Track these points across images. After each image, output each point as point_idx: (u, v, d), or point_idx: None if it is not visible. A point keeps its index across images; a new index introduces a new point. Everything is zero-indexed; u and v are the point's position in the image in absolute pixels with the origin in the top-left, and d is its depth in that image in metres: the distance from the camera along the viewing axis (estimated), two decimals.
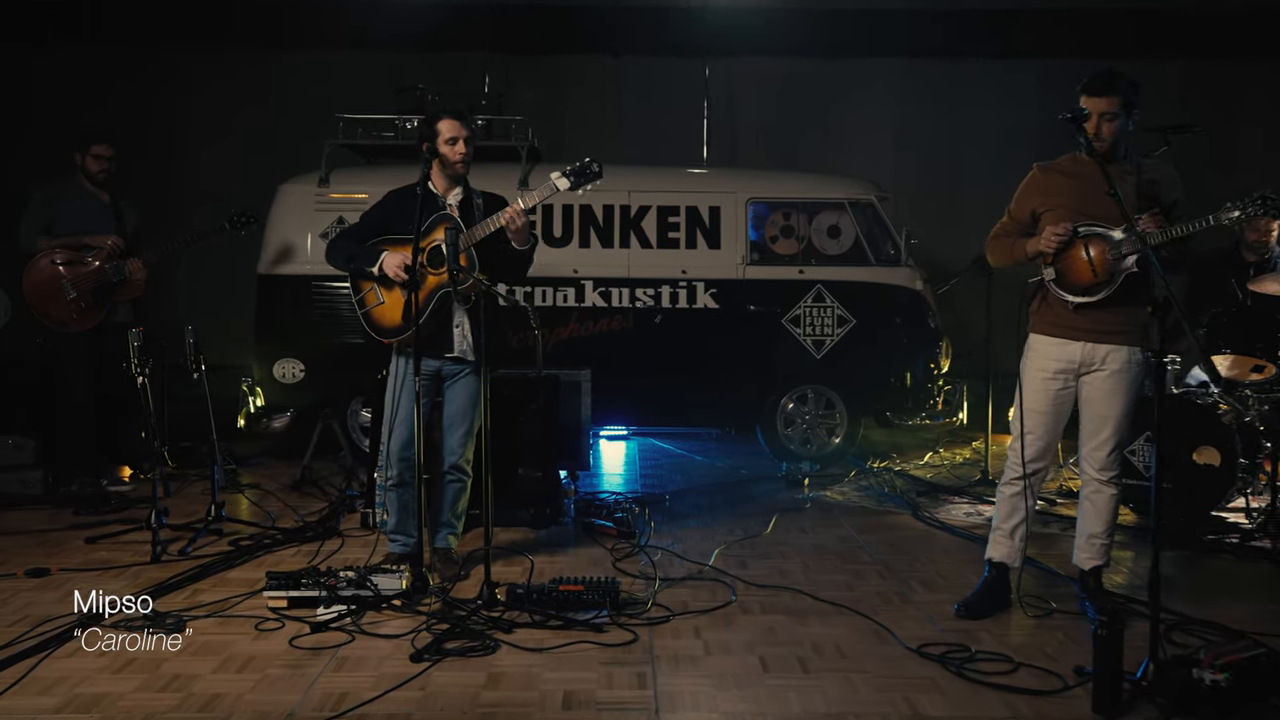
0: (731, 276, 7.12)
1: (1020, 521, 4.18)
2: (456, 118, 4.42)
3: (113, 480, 6.21)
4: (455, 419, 4.54)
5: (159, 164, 9.04)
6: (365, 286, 4.51)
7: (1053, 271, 4.01)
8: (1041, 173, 4.17)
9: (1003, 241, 4.24)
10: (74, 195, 6.02)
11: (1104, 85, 3.89)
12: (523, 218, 4.26)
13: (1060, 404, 4.11)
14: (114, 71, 9.33)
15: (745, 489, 6.64)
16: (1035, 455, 4.13)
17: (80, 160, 6.00)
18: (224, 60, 9.64)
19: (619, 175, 7.25)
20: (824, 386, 7.21)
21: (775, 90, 10.22)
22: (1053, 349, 4.07)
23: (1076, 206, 3.97)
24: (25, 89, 8.93)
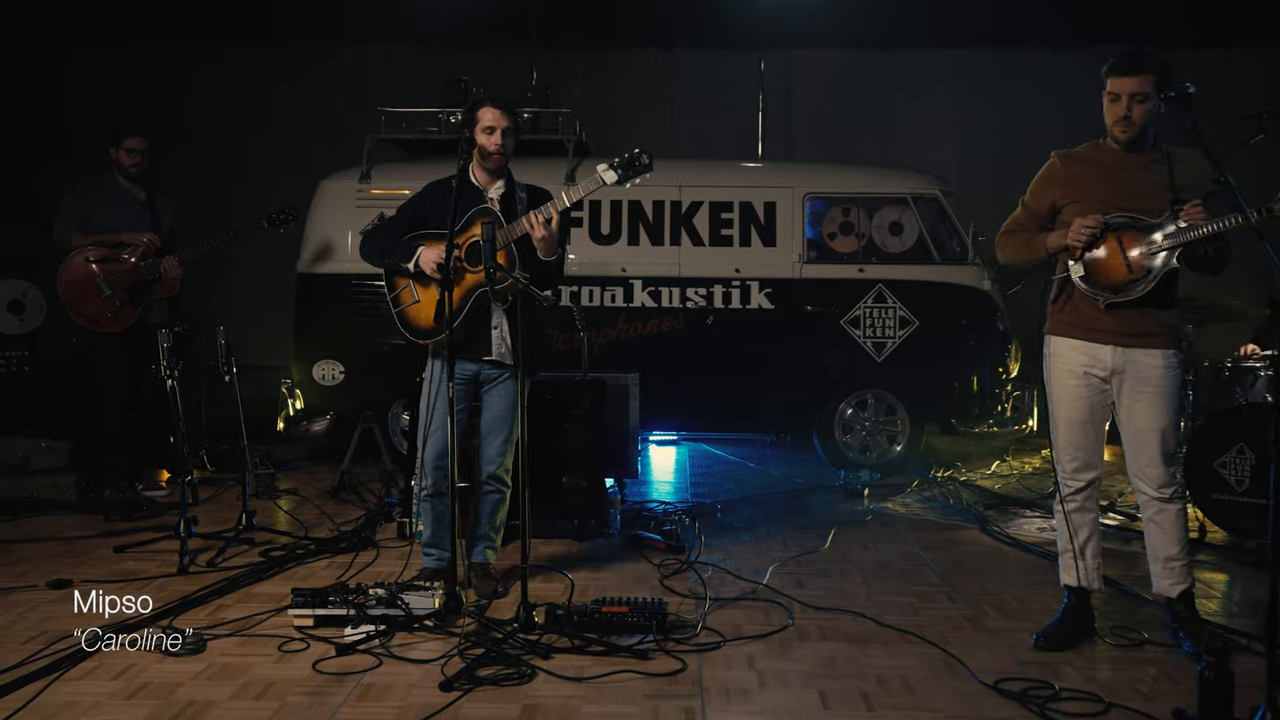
0: (787, 275, 6.79)
1: (1088, 539, 3.81)
2: (499, 106, 4.15)
3: (149, 485, 6.06)
4: (493, 426, 4.27)
5: (197, 161, 8.91)
6: (400, 284, 4.27)
7: (1081, 268, 3.64)
8: (1062, 162, 3.80)
9: (1017, 236, 3.87)
10: (108, 190, 5.88)
11: (1134, 64, 3.54)
12: (542, 228, 3.95)
13: (1096, 410, 3.75)
14: (150, 67, 9.21)
15: (801, 500, 6.31)
16: (1080, 467, 3.77)
17: (114, 155, 5.86)
18: (263, 55, 9.50)
19: (670, 169, 6.96)
20: (885, 391, 6.86)
21: (833, 82, 9.86)
22: (1079, 353, 3.71)
23: (1105, 198, 3.61)
24: (59, 86, 8.84)
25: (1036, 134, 9.54)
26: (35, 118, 8.82)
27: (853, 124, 9.68)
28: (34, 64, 9.01)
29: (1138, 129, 3.58)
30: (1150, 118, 3.58)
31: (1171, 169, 3.58)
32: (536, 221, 3.94)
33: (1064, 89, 9.44)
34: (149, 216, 5.87)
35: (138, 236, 5.74)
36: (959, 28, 9.45)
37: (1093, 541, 3.81)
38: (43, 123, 8.70)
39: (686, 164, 7.27)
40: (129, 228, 5.78)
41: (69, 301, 5.71)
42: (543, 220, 3.94)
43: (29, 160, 5.79)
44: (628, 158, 4.00)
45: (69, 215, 5.76)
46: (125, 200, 5.87)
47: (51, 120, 8.72)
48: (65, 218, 5.76)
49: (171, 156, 9.00)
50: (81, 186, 5.84)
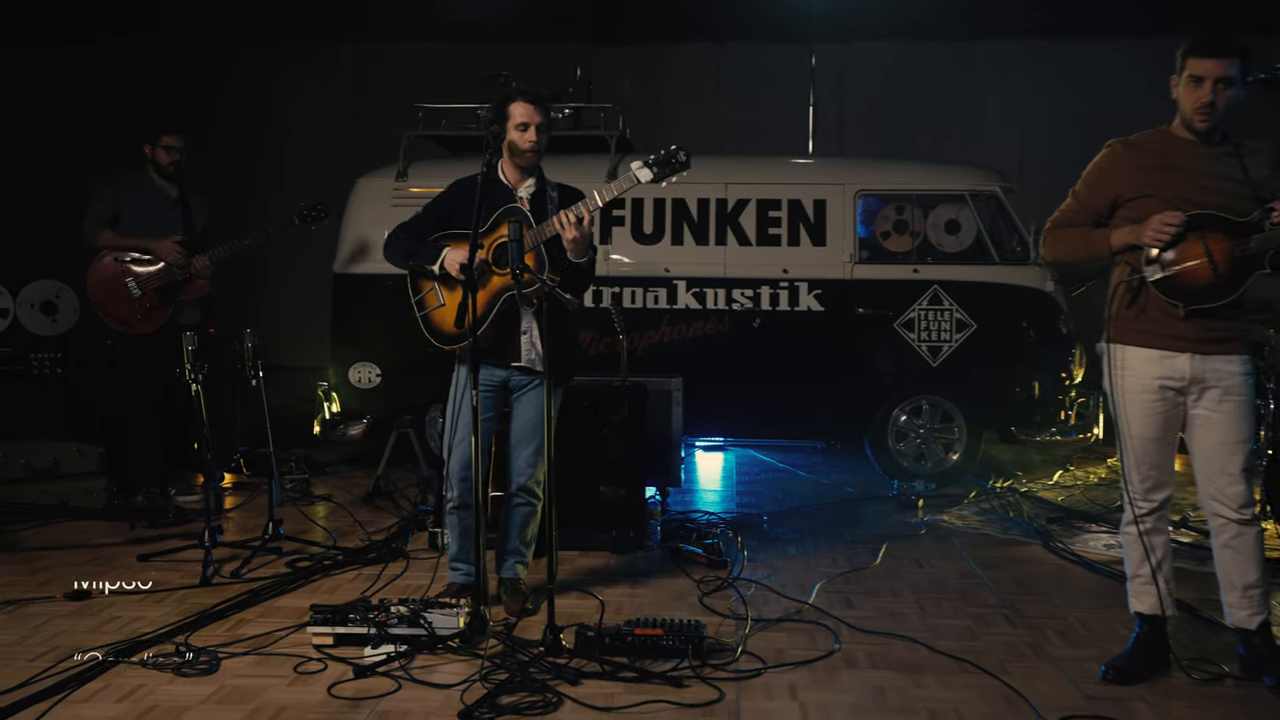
0: (838, 276, 6.51)
1: (1160, 561, 3.49)
2: (530, 101, 3.94)
3: (183, 490, 5.95)
4: (523, 435, 4.07)
5: (231, 160, 8.86)
6: (425, 286, 4.08)
7: (1157, 270, 3.32)
8: (1126, 151, 3.45)
9: (1070, 233, 3.54)
10: (141, 188, 5.76)
11: (1220, 45, 3.21)
12: (573, 229, 3.73)
13: (1170, 425, 3.43)
14: (183, 67, 9.18)
15: (851, 511, 6.03)
16: (1154, 486, 3.46)
17: (150, 152, 5.74)
18: (297, 53, 9.43)
19: (715, 166, 6.74)
20: (940, 397, 6.55)
21: (886, 76, 9.55)
22: (1153, 364, 3.38)
23: (1181, 193, 3.29)
24: (91, 86, 8.81)
25: (1102, 128, 9.14)
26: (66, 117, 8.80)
27: (907, 119, 9.37)
28: (67, 64, 9.00)
29: (1219, 116, 3.27)
30: (1234, 105, 3.26)
31: (1243, 162, 3.27)
32: (567, 221, 3.72)
33: (1133, 80, 9.05)
34: (181, 215, 5.75)
35: (164, 246, 5.59)
36: (1019, 17, 9.09)
37: (1166, 564, 3.51)
38: (74, 122, 8.67)
39: (732, 160, 7.04)
40: (161, 226, 5.66)
41: (98, 302, 5.61)
42: (573, 220, 3.72)
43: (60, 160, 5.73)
44: (663, 155, 3.77)
45: (99, 212, 5.65)
46: (158, 198, 5.75)
47: (83, 120, 8.69)
48: (96, 214, 5.65)
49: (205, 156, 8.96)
50: (113, 184, 5.73)
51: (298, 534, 5.15)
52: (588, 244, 3.81)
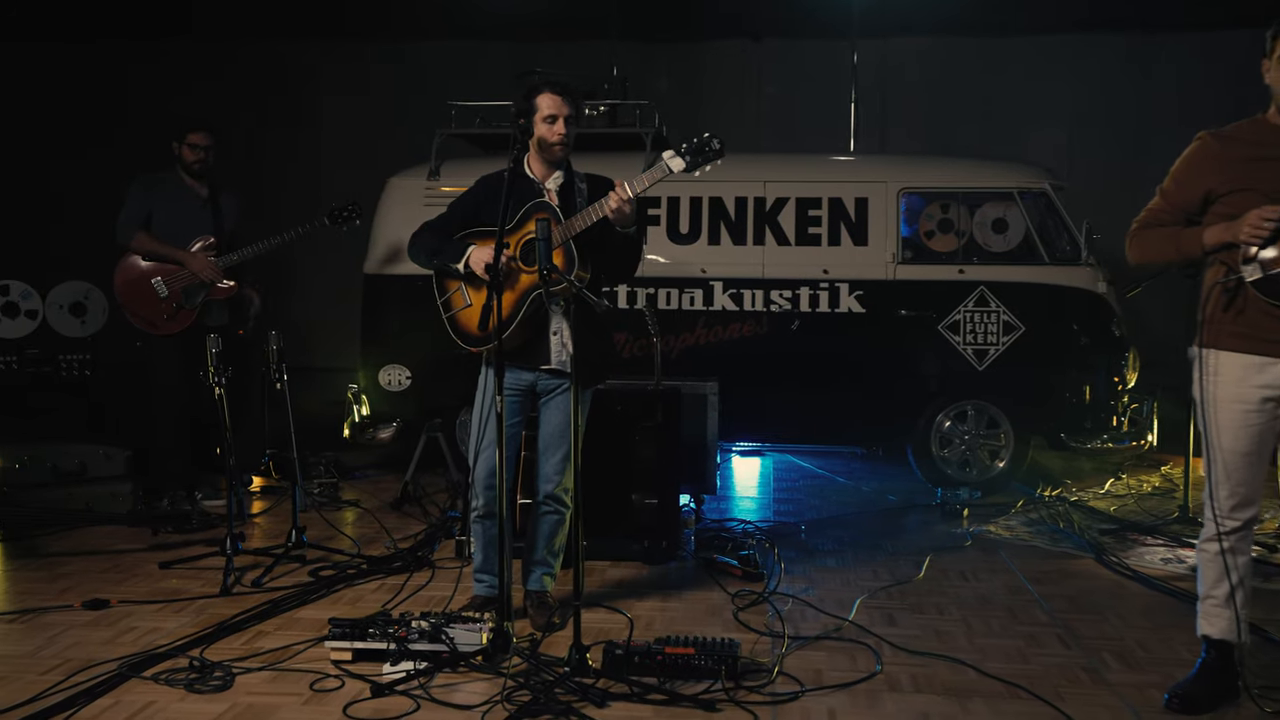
0: (880, 277, 6.29)
1: (1238, 584, 3.25)
2: (558, 92, 3.78)
3: (210, 494, 5.85)
4: (551, 441, 3.91)
5: (264, 162, 8.79)
6: (451, 286, 3.93)
7: (1256, 269, 3.07)
8: (1218, 143, 3.19)
9: (1157, 233, 3.27)
10: (171, 187, 5.65)
11: None
12: (627, 204, 3.59)
13: (1266, 439, 3.17)
14: (216, 67, 9.13)
15: (894, 520, 5.82)
16: (1240, 504, 3.20)
17: (177, 150, 5.64)
18: (332, 52, 9.35)
19: (754, 163, 6.55)
20: (986, 403, 6.31)
21: (930, 72, 9.31)
22: (1251, 371, 3.12)
23: (1278, 185, 3.04)
24: (124, 87, 8.78)
25: (1155, 123, 8.89)
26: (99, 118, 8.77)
27: (950, 116, 9.12)
28: (100, 65, 8.98)
29: None
30: None
31: None
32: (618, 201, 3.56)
33: (1188, 74, 8.77)
34: (211, 214, 5.64)
35: (198, 261, 5.48)
36: (1068, 11, 8.81)
37: (1241, 591, 3.26)
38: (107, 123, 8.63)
39: (771, 158, 6.85)
40: (191, 225, 5.56)
41: (125, 302, 5.53)
42: (613, 207, 3.57)
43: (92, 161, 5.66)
44: (697, 143, 3.60)
45: (132, 213, 5.55)
46: (188, 197, 5.64)
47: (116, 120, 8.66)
48: (129, 215, 5.55)
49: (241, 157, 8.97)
50: (143, 183, 5.63)
51: (322, 541, 5.03)
52: (632, 217, 3.66)
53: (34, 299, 5.86)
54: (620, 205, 3.58)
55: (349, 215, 5.74)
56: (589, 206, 3.66)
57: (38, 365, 5.80)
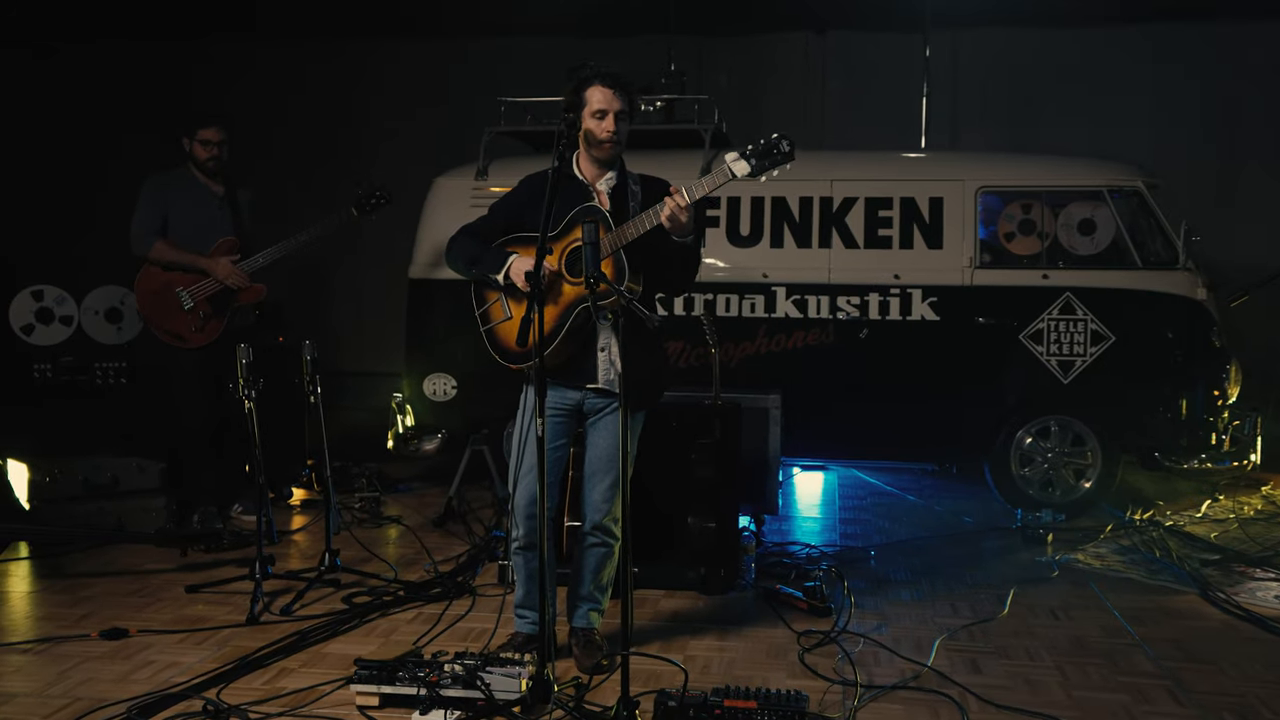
0: (956, 282, 5.86)
1: None
2: (610, 84, 3.45)
3: (250, 508, 5.61)
4: (599, 466, 3.57)
5: (319, 161, 8.58)
6: (491, 297, 3.61)
7: None
8: None
9: None
10: (183, 186, 5.32)
11: None
12: (684, 212, 3.25)
13: None
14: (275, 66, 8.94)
15: (971, 545, 5.39)
16: None
17: (188, 146, 5.32)
18: (382, 50, 9.10)
19: (820, 161, 6.16)
20: (1072, 418, 5.84)
21: (1008, 64, 8.81)
22: None
23: None
24: (185, 86, 8.60)
25: (1250, 117, 8.33)
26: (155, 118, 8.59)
27: (1028, 111, 8.62)
28: (159, 63, 8.83)
29: None
30: None
31: None
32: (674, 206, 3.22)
33: None
34: (228, 213, 5.36)
35: (221, 267, 5.20)
36: None
37: None
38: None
39: (839, 155, 6.44)
40: (209, 226, 5.27)
41: (149, 317, 5.25)
42: (667, 213, 3.22)
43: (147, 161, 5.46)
44: (763, 145, 3.24)
45: (147, 218, 5.25)
46: (202, 196, 5.34)
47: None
48: (143, 220, 5.24)
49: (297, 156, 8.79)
50: (155, 184, 5.32)
51: (360, 562, 4.74)
52: (690, 226, 3.31)
53: (69, 304, 5.65)
54: (676, 212, 3.23)
55: (377, 202, 5.41)
56: (642, 213, 3.31)
57: (73, 373, 5.60)
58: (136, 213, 5.23)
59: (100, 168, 8.15)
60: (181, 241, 5.24)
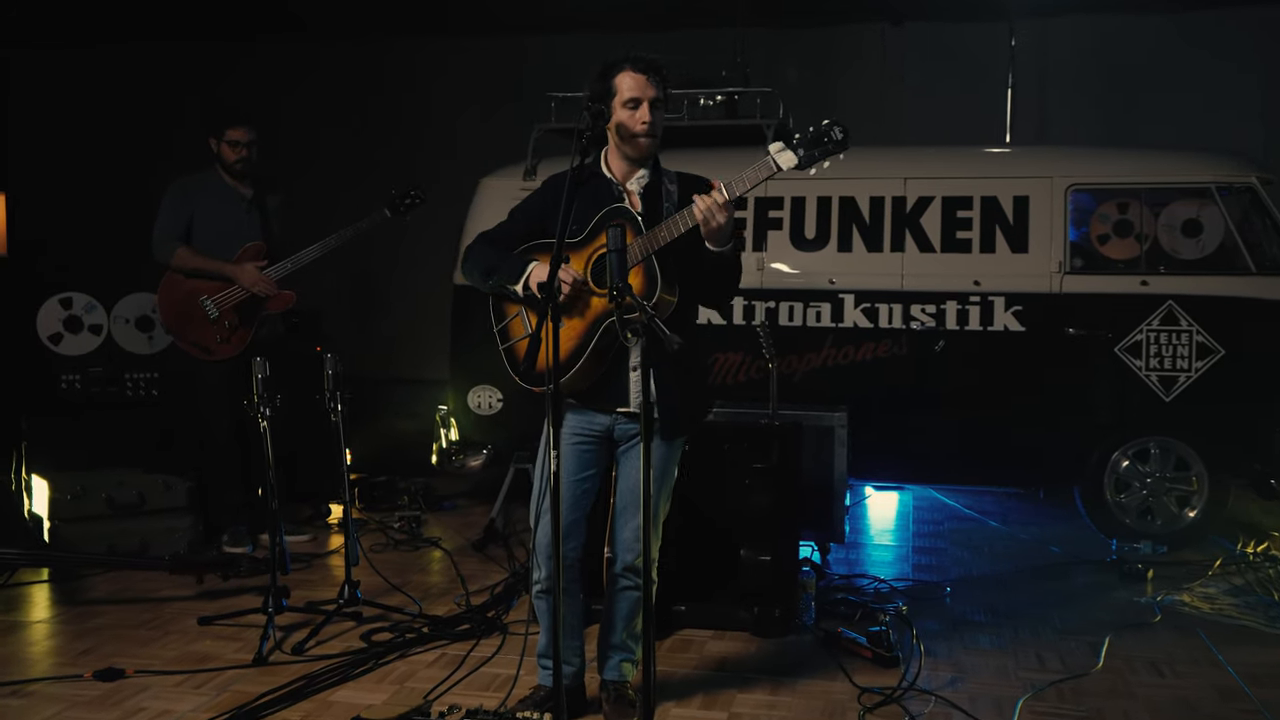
0: (1043, 289, 5.32)
1: None
2: (642, 70, 3.05)
3: (289, 530, 5.33)
4: (631, 500, 3.17)
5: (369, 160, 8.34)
6: (510, 311, 3.25)
7: None
8: None
9: None
10: (212, 190, 5.07)
11: None
12: (722, 211, 2.83)
13: None
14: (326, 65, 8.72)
15: (1060, 581, 4.86)
16: None
17: (215, 147, 5.06)
18: (435, 48, 8.83)
19: (893, 157, 5.70)
20: (1174, 439, 5.28)
21: (1100, 54, 8.17)
22: None
23: None
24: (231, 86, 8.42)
25: None
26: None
27: (1126, 103, 7.97)
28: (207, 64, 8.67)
29: None
30: None
31: None
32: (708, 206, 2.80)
33: None
34: (256, 217, 5.09)
35: (247, 274, 4.92)
36: None
37: None
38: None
39: (913, 151, 5.97)
40: (236, 231, 5.00)
41: (172, 327, 5.00)
42: (701, 211, 2.81)
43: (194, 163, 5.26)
44: (812, 133, 2.82)
45: (169, 224, 5.00)
46: (230, 199, 5.08)
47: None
48: (165, 226, 5.00)
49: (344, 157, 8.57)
50: (180, 187, 5.08)
51: (386, 593, 4.41)
52: (730, 228, 2.89)
53: (98, 312, 5.43)
54: (710, 212, 2.81)
55: (412, 202, 5.11)
56: (676, 214, 2.91)
57: (103, 384, 5.38)
58: (159, 217, 5.00)
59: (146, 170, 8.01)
60: (207, 247, 4.98)
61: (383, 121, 8.74)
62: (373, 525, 5.66)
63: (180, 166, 5.28)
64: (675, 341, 2.49)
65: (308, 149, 8.32)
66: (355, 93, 8.74)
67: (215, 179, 5.09)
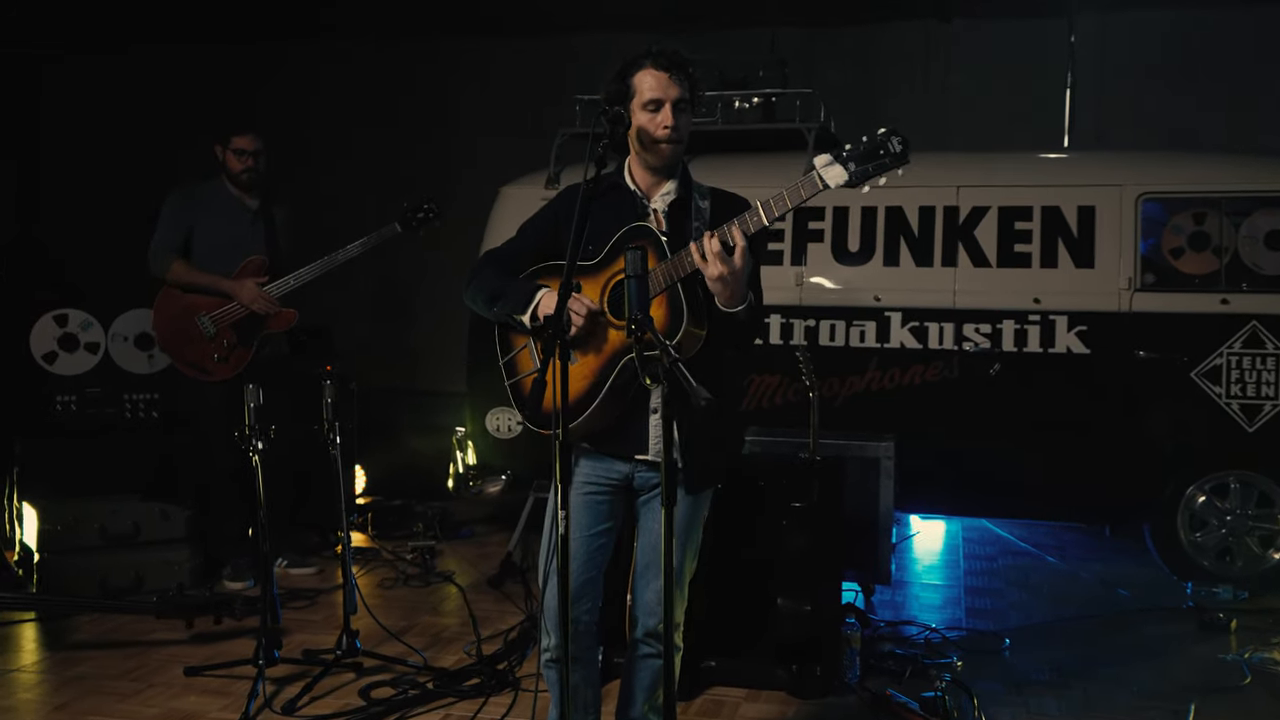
0: (1111, 308, 4.88)
1: None
2: (665, 67, 2.66)
3: (295, 561, 5.02)
4: (654, 560, 2.78)
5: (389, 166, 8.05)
6: (518, 343, 2.86)
7: None
8: None
9: None
10: (214, 200, 4.77)
11: None
12: (718, 263, 2.41)
13: None
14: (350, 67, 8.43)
15: (1133, 632, 4.42)
16: None
17: (220, 155, 4.76)
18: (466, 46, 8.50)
19: (944, 164, 5.29)
20: (1257, 474, 4.82)
21: (1170, 50, 7.66)
22: None
23: None
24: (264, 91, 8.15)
25: None
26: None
27: (1197, 106, 7.45)
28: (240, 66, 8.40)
29: None
30: None
31: None
32: (709, 251, 2.42)
33: None
34: (262, 230, 4.77)
35: (246, 290, 4.60)
36: None
37: None
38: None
39: (966, 157, 5.55)
40: (239, 244, 4.69)
41: (167, 345, 4.69)
42: (716, 250, 2.41)
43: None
44: (866, 145, 2.42)
45: (166, 234, 4.70)
46: (233, 211, 4.76)
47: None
48: (163, 238, 4.70)
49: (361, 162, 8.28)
50: (181, 196, 4.77)
51: (392, 638, 4.05)
52: (742, 284, 2.48)
53: (95, 330, 5.13)
54: (713, 260, 2.40)
55: (425, 217, 4.78)
56: (681, 251, 2.51)
57: (100, 406, 5.07)
58: (157, 228, 4.69)
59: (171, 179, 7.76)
60: (207, 261, 4.67)
61: (414, 124, 8.43)
62: (384, 556, 5.32)
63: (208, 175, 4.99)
64: (702, 397, 2.10)
65: (339, 151, 8.06)
66: (386, 95, 8.43)
67: (219, 189, 4.79)
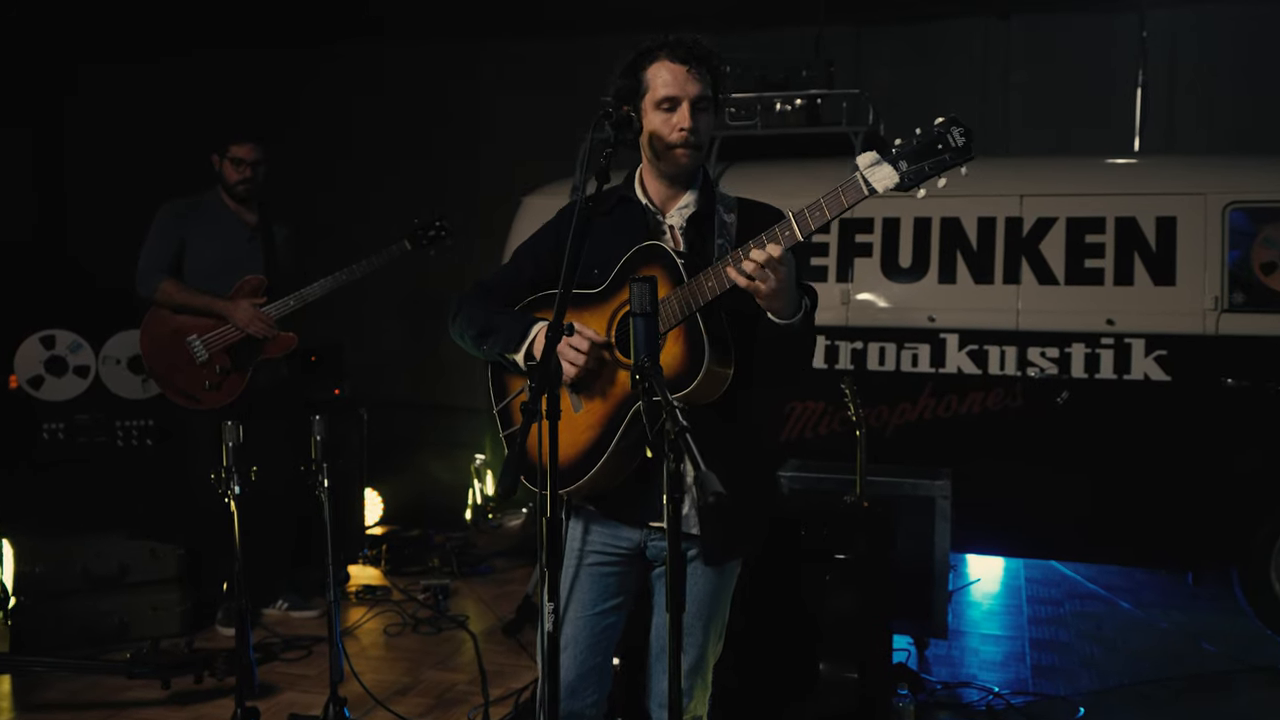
0: (1195, 330, 4.37)
1: None
2: (681, 59, 2.25)
3: (297, 603, 4.65)
4: None
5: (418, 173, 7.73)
6: (514, 386, 2.46)
7: None
8: None
9: None
10: (209, 214, 4.41)
11: None
12: (766, 274, 1.99)
13: None
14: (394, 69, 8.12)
15: (1223, 697, 3.92)
16: None
17: (218, 165, 4.40)
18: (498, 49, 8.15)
19: (1005, 171, 4.82)
20: None
21: (1248, 48, 7.12)
22: None
23: None
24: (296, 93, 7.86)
25: None
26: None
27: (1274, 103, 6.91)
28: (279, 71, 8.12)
29: None
30: None
31: None
32: (743, 267, 1.99)
33: None
34: (260, 246, 4.39)
35: (241, 311, 4.23)
36: None
37: None
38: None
39: (1030, 163, 5.09)
40: (235, 261, 4.32)
41: (155, 371, 4.33)
42: (754, 267, 1.99)
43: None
44: (919, 140, 2.00)
45: (156, 250, 4.33)
46: (230, 227, 4.40)
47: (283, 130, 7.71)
48: (152, 253, 4.34)
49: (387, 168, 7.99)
50: (173, 210, 4.41)
51: (392, 692, 3.66)
52: (793, 288, 2.06)
53: (85, 352, 4.80)
54: (754, 269, 1.98)
55: (435, 236, 4.43)
56: (700, 275, 2.09)
57: (90, 434, 4.75)
58: (145, 244, 4.33)
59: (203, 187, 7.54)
60: (200, 280, 4.31)
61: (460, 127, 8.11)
62: (395, 596, 4.94)
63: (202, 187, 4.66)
64: (712, 491, 1.65)
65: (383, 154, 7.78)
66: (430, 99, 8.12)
67: (214, 202, 4.42)
